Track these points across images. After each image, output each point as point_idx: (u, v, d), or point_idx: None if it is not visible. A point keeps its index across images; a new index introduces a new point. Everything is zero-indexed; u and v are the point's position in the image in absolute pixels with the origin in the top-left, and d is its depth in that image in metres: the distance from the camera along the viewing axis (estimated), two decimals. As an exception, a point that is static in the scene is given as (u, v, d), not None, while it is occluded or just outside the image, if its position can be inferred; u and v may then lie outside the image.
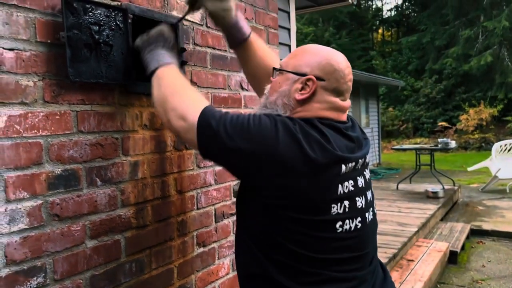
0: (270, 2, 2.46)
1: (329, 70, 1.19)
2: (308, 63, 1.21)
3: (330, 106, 1.21)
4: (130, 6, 1.51)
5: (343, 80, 1.22)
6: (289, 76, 1.22)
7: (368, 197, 1.24)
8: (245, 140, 1.09)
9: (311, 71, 1.19)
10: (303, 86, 1.20)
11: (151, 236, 1.62)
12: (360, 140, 1.28)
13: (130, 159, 1.54)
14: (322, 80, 1.19)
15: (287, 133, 1.09)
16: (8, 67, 1.17)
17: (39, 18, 1.25)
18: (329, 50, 1.24)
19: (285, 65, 1.26)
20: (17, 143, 1.19)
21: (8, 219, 1.17)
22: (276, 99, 1.23)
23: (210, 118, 1.15)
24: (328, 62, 1.20)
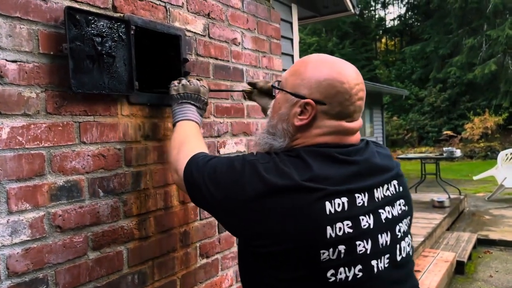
0: (273, 13, 2.47)
1: (330, 93, 1.03)
2: (307, 83, 1.05)
3: (332, 130, 1.05)
4: (133, 17, 1.52)
5: (349, 102, 1.04)
6: (288, 97, 1.09)
7: (381, 241, 1.00)
8: (218, 191, 1.04)
9: (310, 94, 1.04)
10: (302, 110, 1.05)
11: (153, 247, 1.61)
12: (372, 168, 1.05)
13: (133, 169, 1.54)
14: (322, 104, 1.03)
15: (254, 175, 0.99)
16: (11, 79, 1.18)
17: (42, 30, 1.25)
18: (333, 65, 1.06)
19: (284, 82, 1.12)
20: (19, 155, 1.19)
21: (10, 231, 1.16)
22: (276, 123, 1.11)
23: (193, 169, 1.13)
24: (329, 83, 1.03)
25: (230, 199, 1.02)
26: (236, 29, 2.13)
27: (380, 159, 1.10)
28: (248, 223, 1.00)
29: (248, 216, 0.99)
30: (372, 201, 1.01)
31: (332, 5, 3.93)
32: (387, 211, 1.04)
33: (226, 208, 1.04)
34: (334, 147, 1.04)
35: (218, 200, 1.05)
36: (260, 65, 2.34)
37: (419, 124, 22.36)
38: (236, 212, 1.02)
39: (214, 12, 1.97)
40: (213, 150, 1.96)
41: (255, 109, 2.29)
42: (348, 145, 1.07)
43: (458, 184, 9.83)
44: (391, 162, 1.15)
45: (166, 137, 1.68)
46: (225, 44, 2.05)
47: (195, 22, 1.85)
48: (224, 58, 2.03)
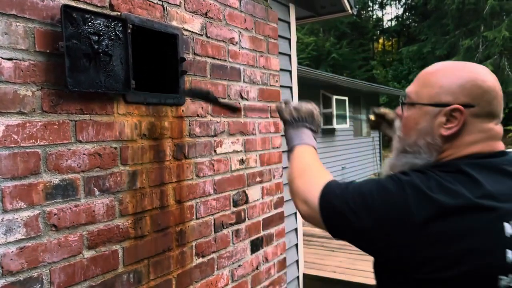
0: (270, 13, 2.47)
1: (477, 93, 0.96)
2: (448, 90, 0.98)
3: (484, 136, 0.97)
4: (130, 16, 1.51)
5: (496, 101, 0.98)
6: (427, 110, 1.00)
7: None
8: (371, 216, 0.92)
9: (455, 99, 0.96)
10: (448, 119, 0.97)
11: (149, 246, 1.61)
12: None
13: (129, 168, 1.53)
14: (471, 107, 0.95)
15: (418, 195, 0.89)
16: (6, 77, 1.17)
17: (38, 28, 1.25)
18: (468, 67, 1.01)
19: (416, 96, 1.04)
20: (14, 153, 1.19)
21: (4, 229, 1.16)
22: (416, 139, 1.01)
23: (331, 198, 1.01)
24: (474, 83, 0.96)
25: (390, 225, 0.90)
26: (233, 29, 2.13)
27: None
28: (415, 249, 0.88)
29: (415, 242, 0.88)
30: None
31: (329, 5, 3.93)
32: None
33: (383, 236, 0.92)
34: (491, 157, 0.96)
35: (371, 227, 0.93)
36: (258, 64, 2.33)
37: (416, 125, 22.39)
38: (399, 239, 0.90)
39: (212, 11, 1.97)
40: (209, 149, 1.95)
41: (252, 109, 2.28)
42: (501, 152, 0.99)
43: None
44: None
45: (162, 136, 1.68)
46: (223, 44, 2.04)
47: (193, 21, 1.85)
48: (221, 57, 2.03)
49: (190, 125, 1.83)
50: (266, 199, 2.41)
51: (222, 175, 2.04)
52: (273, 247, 2.49)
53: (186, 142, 1.81)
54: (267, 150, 2.43)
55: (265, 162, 2.41)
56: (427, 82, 1.02)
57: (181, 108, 1.78)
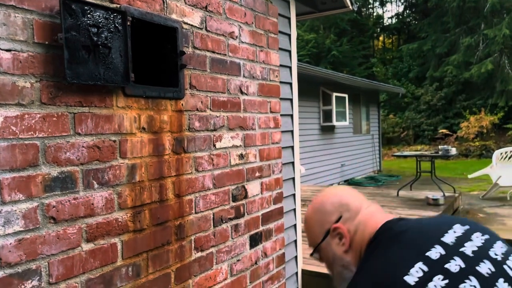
0: (271, 7, 2.46)
1: (335, 207, 1.19)
2: (321, 221, 1.20)
3: (364, 223, 1.15)
4: (129, 8, 1.51)
5: (350, 199, 1.20)
6: (324, 246, 1.20)
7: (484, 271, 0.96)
8: None
9: (328, 222, 1.18)
10: (338, 237, 1.17)
11: (148, 240, 1.61)
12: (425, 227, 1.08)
13: (128, 162, 1.53)
14: (340, 218, 1.17)
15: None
16: (5, 68, 1.16)
17: (37, 19, 1.24)
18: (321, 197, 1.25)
19: (313, 243, 1.25)
20: (13, 145, 1.18)
21: (3, 221, 1.15)
22: (339, 270, 1.19)
23: None
24: (329, 204, 1.20)
25: None
26: (233, 23, 2.12)
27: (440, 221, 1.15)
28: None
29: None
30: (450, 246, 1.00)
31: (330, 1, 3.91)
32: (470, 245, 1.02)
33: None
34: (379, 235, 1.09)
35: None
36: (258, 59, 2.33)
37: (415, 122, 22.41)
38: None
39: (212, 5, 1.96)
40: (209, 143, 1.95)
41: (252, 104, 2.28)
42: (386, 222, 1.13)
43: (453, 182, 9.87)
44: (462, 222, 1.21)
45: (162, 129, 1.68)
46: (222, 38, 2.03)
47: (192, 14, 1.84)
48: (221, 51, 2.02)
49: (190, 119, 1.83)
50: (265, 194, 2.41)
51: (221, 169, 2.03)
52: (272, 242, 2.49)
53: (185, 136, 1.80)
54: (267, 145, 2.42)
55: (265, 157, 2.41)
56: (308, 230, 1.25)
57: (180, 102, 1.77)
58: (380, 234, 1.10)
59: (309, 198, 6.43)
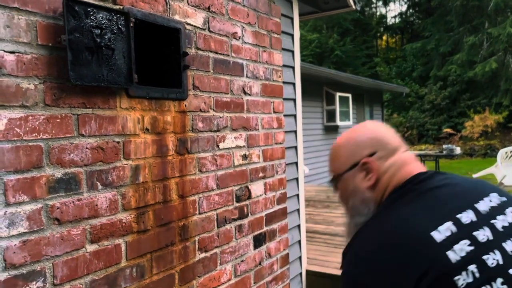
0: (273, 7, 2.46)
1: (372, 141, 1.13)
2: (352, 152, 1.15)
3: (397, 166, 1.11)
4: (132, 10, 1.51)
5: (388, 138, 1.15)
6: (348, 176, 1.15)
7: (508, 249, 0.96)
8: None
9: (360, 156, 1.13)
10: (365, 172, 1.12)
11: (152, 240, 1.61)
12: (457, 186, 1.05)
13: (131, 163, 1.53)
14: (374, 154, 1.12)
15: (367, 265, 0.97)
16: (9, 70, 1.17)
17: (41, 21, 1.25)
18: (358, 128, 1.19)
19: (336, 171, 1.20)
20: (17, 146, 1.18)
21: (7, 223, 1.16)
22: (353, 202, 1.16)
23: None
24: (368, 137, 1.14)
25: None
26: (236, 23, 2.12)
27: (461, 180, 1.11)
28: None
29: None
30: (481, 213, 0.99)
31: (333, 1, 3.91)
32: (502, 220, 1.00)
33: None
34: (408, 183, 1.06)
35: None
36: (260, 59, 2.32)
37: (419, 122, 22.35)
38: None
39: (215, 5, 1.96)
40: (212, 144, 1.95)
41: (255, 104, 2.28)
42: (418, 174, 1.09)
43: (458, 182, 9.82)
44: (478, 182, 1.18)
45: (165, 130, 1.68)
46: (225, 38, 2.03)
47: (195, 15, 1.84)
48: (224, 52, 2.02)
49: (193, 120, 1.83)
50: (269, 195, 2.41)
51: (224, 170, 2.03)
52: (276, 242, 2.49)
53: (188, 137, 1.81)
54: (270, 146, 2.42)
55: (268, 157, 2.40)
56: (335, 157, 1.20)
57: (183, 102, 1.77)
58: (410, 183, 1.07)
59: (313, 198, 6.42)
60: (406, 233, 0.94)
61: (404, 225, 0.96)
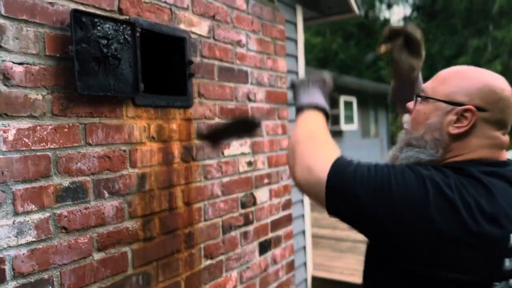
0: (277, 14, 2.47)
1: (493, 99, 0.97)
2: (465, 90, 0.99)
3: (491, 142, 0.98)
4: (138, 20, 1.53)
5: (510, 111, 0.99)
6: (440, 106, 1.01)
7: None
8: (386, 204, 0.90)
9: (470, 100, 0.97)
10: (458, 118, 0.98)
11: (158, 248, 1.62)
12: None
13: (138, 171, 1.54)
14: (484, 111, 0.97)
15: (439, 196, 0.88)
16: (17, 81, 1.19)
17: (48, 32, 1.26)
18: (487, 74, 1.02)
19: (431, 91, 1.05)
20: (25, 156, 1.20)
21: (16, 232, 1.17)
22: (424, 133, 1.02)
23: (342, 175, 0.97)
24: (491, 89, 0.98)
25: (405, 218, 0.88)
26: (241, 31, 2.13)
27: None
28: (421, 247, 0.89)
29: (425, 241, 0.89)
30: None
31: (336, 6, 3.93)
32: None
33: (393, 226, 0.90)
34: (497, 165, 0.97)
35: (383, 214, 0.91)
36: (265, 66, 2.34)
37: (424, 125, 22.30)
38: (411, 234, 0.89)
39: (219, 14, 1.98)
40: (217, 151, 1.96)
41: (260, 111, 2.29)
42: (505, 162, 1.00)
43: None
44: None
45: (171, 138, 1.69)
46: (230, 46, 2.05)
47: (200, 24, 1.86)
48: (229, 59, 2.04)
49: (198, 127, 1.84)
50: (274, 201, 2.42)
51: (230, 177, 2.04)
52: (281, 249, 2.49)
53: (194, 144, 1.82)
54: (275, 152, 2.43)
55: (273, 164, 2.41)
56: (446, 80, 1.03)
57: (189, 110, 1.79)
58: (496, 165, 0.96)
59: (317, 203, 6.40)
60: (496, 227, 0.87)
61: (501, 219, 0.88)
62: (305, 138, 1.12)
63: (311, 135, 1.12)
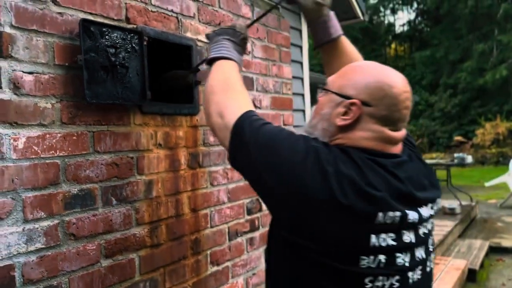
0: (282, 22, 2.49)
1: (378, 95, 1.01)
2: (354, 84, 1.04)
3: (376, 136, 1.03)
4: (145, 28, 1.55)
5: (395, 108, 1.02)
6: (333, 98, 1.07)
7: (417, 254, 1.03)
8: (271, 157, 0.98)
9: (357, 94, 1.02)
10: (346, 111, 1.03)
11: (165, 255, 1.63)
12: (417, 185, 1.05)
13: (145, 178, 1.56)
14: (368, 106, 1.01)
15: (317, 166, 0.94)
16: (27, 90, 1.20)
17: (58, 42, 1.28)
18: (383, 70, 1.06)
19: (331, 84, 1.11)
20: (35, 164, 1.22)
21: (25, 239, 1.19)
22: (317, 123, 1.10)
23: (246, 125, 1.05)
24: (378, 85, 1.02)
25: (282, 183, 0.96)
26: (246, 38, 2.15)
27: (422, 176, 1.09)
28: (294, 214, 0.96)
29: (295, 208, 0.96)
30: (420, 218, 1.02)
31: (341, 12, 3.94)
32: (424, 226, 1.06)
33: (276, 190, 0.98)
34: (380, 156, 1.02)
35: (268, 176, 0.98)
36: (270, 73, 2.35)
37: (430, 130, 22.23)
38: (287, 200, 0.97)
39: (225, 22, 2.00)
40: (223, 157, 1.97)
41: (265, 117, 2.30)
42: (392, 155, 1.05)
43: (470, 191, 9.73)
44: (435, 178, 1.17)
45: (177, 145, 1.70)
46: (236, 53, 2.06)
47: (206, 32, 1.87)
48: (234, 67, 2.05)
49: (204, 134, 1.86)
50: (279, 207, 2.42)
51: (235, 183, 2.05)
52: (287, 255, 2.49)
53: (200, 151, 1.83)
54: (281, 158, 2.43)
55: (279, 170, 2.41)
56: (343, 73, 1.10)
57: (195, 117, 1.80)
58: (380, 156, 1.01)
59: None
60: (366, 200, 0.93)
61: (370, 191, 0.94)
62: (218, 89, 1.21)
63: (223, 86, 1.22)
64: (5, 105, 1.16)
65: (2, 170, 1.14)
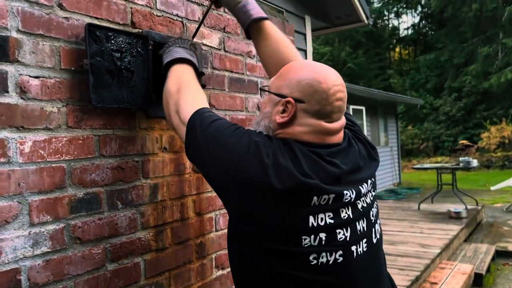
0: (287, 26, 2.49)
1: (309, 92, 1.10)
2: (289, 84, 1.14)
3: (312, 129, 1.12)
4: (151, 33, 1.55)
5: (326, 102, 1.11)
6: (272, 97, 1.17)
7: (358, 227, 1.12)
8: (218, 149, 1.10)
9: (291, 92, 1.12)
10: (284, 109, 1.13)
11: (170, 258, 1.62)
12: (355, 167, 1.16)
13: (150, 181, 1.56)
14: (302, 102, 1.11)
15: (256, 158, 1.05)
16: (33, 94, 1.21)
17: (64, 46, 1.29)
18: (314, 68, 1.15)
19: (271, 85, 1.21)
20: (41, 168, 1.22)
21: (31, 243, 1.19)
22: (260, 120, 1.21)
23: (198, 121, 1.17)
24: (308, 83, 1.11)
25: (226, 172, 1.08)
26: (250, 42, 2.15)
27: (360, 159, 1.19)
28: (237, 202, 1.09)
29: (239, 196, 1.08)
30: (353, 198, 1.12)
31: (345, 16, 3.95)
32: (363, 201, 1.16)
33: (220, 179, 1.12)
34: (318, 147, 1.12)
35: (214, 167, 1.11)
36: (275, 77, 2.35)
37: (435, 134, 22.16)
38: (230, 187, 1.09)
39: (229, 26, 2.00)
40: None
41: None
42: (331, 145, 1.14)
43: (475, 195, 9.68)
44: (372, 152, 1.28)
45: (182, 149, 1.70)
46: (240, 57, 2.07)
47: (211, 36, 1.88)
48: (239, 70, 2.06)
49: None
50: (284, 211, 2.41)
51: (241, 187, 2.05)
52: (292, 259, 2.48)
53: (205, 155, 1.83)
54: (285, 162, 2.43)
55: (284, 173, 2.41)
56: (280, 74, 1.19)
57: (200, 121, 1.80)
58: (319, 147, 1.11)
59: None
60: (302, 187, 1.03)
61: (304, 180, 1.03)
62: (173, 90, 1.32)
63: (177, 87, 1.32)
64: (12, 109, 1.16)
65: (8, 174, 1.15)
